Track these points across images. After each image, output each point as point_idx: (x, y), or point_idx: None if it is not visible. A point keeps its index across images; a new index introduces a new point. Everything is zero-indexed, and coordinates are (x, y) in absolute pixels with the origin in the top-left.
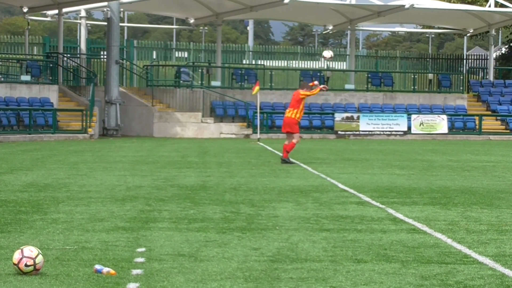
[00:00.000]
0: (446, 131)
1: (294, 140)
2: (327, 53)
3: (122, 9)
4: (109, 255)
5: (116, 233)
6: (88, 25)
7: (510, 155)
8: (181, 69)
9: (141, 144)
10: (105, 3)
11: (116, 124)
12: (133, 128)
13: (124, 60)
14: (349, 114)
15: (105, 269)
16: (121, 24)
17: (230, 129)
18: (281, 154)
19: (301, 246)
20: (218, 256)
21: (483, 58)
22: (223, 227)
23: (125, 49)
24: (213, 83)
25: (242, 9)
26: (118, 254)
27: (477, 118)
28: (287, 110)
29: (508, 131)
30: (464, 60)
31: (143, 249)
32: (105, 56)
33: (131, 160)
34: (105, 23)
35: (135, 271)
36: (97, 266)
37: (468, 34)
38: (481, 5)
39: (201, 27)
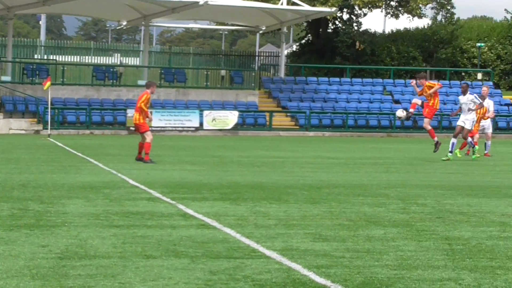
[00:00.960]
0: (236, 126)
1: (147, 139)
2: (400, 113)
3: None
4: None
5: None
6: None
7: (299, 151)
8: None
9: None
10: None
11: None
12: None
13: None
14: None
15: None
16: None
17: (20, 125)
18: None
19: (90, 242)
20: (5, 254)
21: (274, 55)
22: (11, 224)
23: None
24: (3, 78)
25: (34, 3)
26: None
27: (267, 114)
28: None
29: (298, 127)
30: (256, 57)
31: None
32: None
33: None
34: None
35: None
36: None
37: (260, 32)
38: (273, 3)
39: None
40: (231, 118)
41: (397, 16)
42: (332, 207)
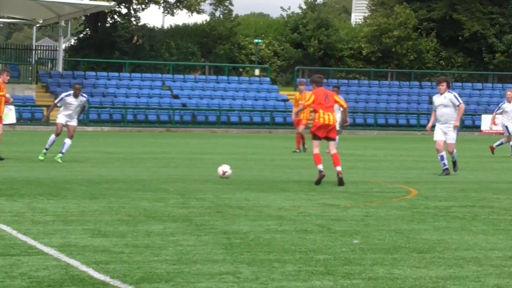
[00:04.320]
0: (14, 121)
1: None
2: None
3: None
4: None
5: None
6: None
7: (78, 146)
8: None
9: None
10: None
11: None
12: None
13: None
14: None
15: None
16: None
17: None
18: None
19: None
20: None
21: (52, 49)
22: None
23: None
24: None
25: None
26: None
27: (45, 108)
28: None
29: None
30: (33, 51)
31: None
32: None
33: None
34: None
35: None
36: None
37: (37, 25)
38: None
39: None
40: (6, 113)
41: (172, 13)
42: (111, 203)
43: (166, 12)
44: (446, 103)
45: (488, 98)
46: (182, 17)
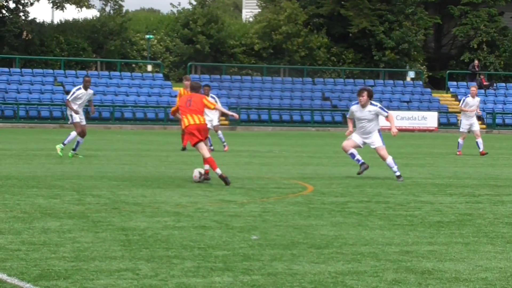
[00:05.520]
0: None
1: None
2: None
3: None
4: None
5: None
6: None
7: None
8: None
9: None
10: None
11: None
12: None
13: None
14: None
15: None
16: None
17: None
18: None
19: None
20: None
21: None
22: None
23: None
24: None
25: None
26: None
27: None
28: None
29: None
30: None
31: None
32: None
33: None
34: None
35: None
36: None
37: None
38: None
39: None
40: None
41: (62, 8)
42: (5, 199)
43: (55, 7)
44: (371, 117)
45: (380, 95)
46: (72, 12)
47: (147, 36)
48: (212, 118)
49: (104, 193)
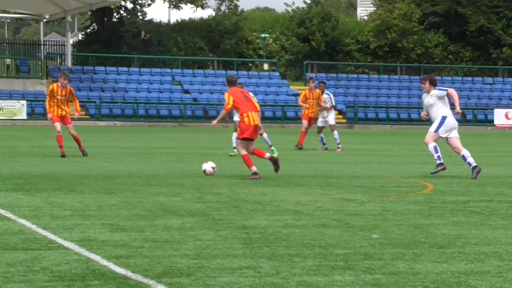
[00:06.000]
0: (25, 117)
1: None
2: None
3: None
4: None
5: None
6: None
7: (91, 141)
8: None
9: None
10: None
11: None
12: None
13: None
14: None
15: None
16: None
17: None
18: None
19: None
20: None
21: (60, 44)
22: None
23: None
24: None
25: None
26: None
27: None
28: None
29: (88, 117)
30: (42, 46)
31: None
32: None
33: None
34: None
35: None
36: None
37: (44, 20)
38: None
39: None
40: (19, 108)
41: (178, 7)
42: (128, 197)
43: (172, 6)
44: (432, 102)
45: (499, 93)
46: (188, 12)
47: (263, 35)
48: (327, 116)
49: (224, 191)
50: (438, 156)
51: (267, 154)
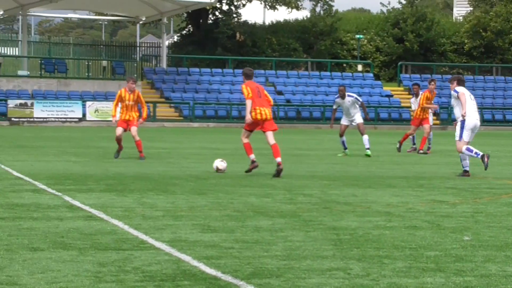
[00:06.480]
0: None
1: None
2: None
3: None
4: None
5: None
6: None
7: (183, 142)
8: None
9: None
10: None
11: None
12: None
13: None
14: (22, 101)
15: None
16: None
17: None
18: None
19: None
20: None
21: (156, 45)
22: None
23: None
24: None
25: None
26: None
27: (151, 105)
28: None
29: (182, 118)
30: (138, 48)
31: None
32: None
33: None
34: None
35: None
36: None
37: (140, 22)
38: None
39: None
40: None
41: (274, 8)
42: (219, 198)
43: (268, 7)
44: (452, 101)
45: None
46: (282, 13)
47: (357, 36)
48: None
49: (315, 192)
50: (476, 153)
51: (252, 156)
